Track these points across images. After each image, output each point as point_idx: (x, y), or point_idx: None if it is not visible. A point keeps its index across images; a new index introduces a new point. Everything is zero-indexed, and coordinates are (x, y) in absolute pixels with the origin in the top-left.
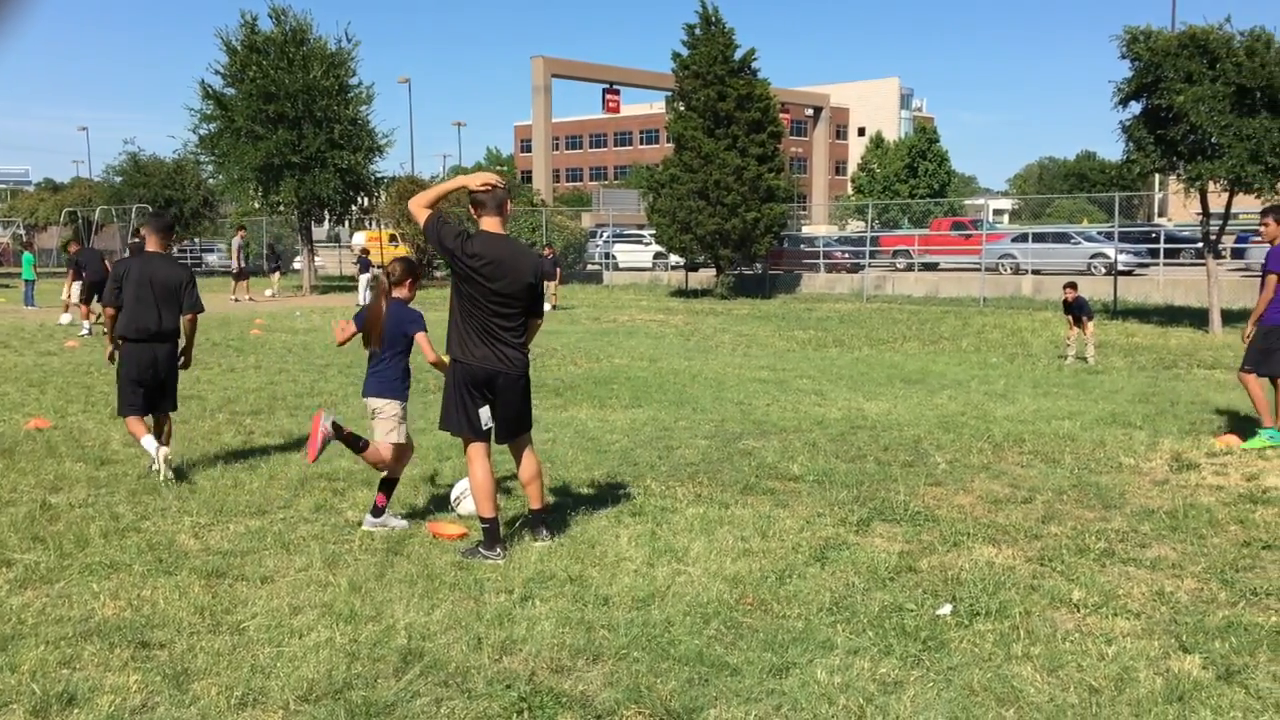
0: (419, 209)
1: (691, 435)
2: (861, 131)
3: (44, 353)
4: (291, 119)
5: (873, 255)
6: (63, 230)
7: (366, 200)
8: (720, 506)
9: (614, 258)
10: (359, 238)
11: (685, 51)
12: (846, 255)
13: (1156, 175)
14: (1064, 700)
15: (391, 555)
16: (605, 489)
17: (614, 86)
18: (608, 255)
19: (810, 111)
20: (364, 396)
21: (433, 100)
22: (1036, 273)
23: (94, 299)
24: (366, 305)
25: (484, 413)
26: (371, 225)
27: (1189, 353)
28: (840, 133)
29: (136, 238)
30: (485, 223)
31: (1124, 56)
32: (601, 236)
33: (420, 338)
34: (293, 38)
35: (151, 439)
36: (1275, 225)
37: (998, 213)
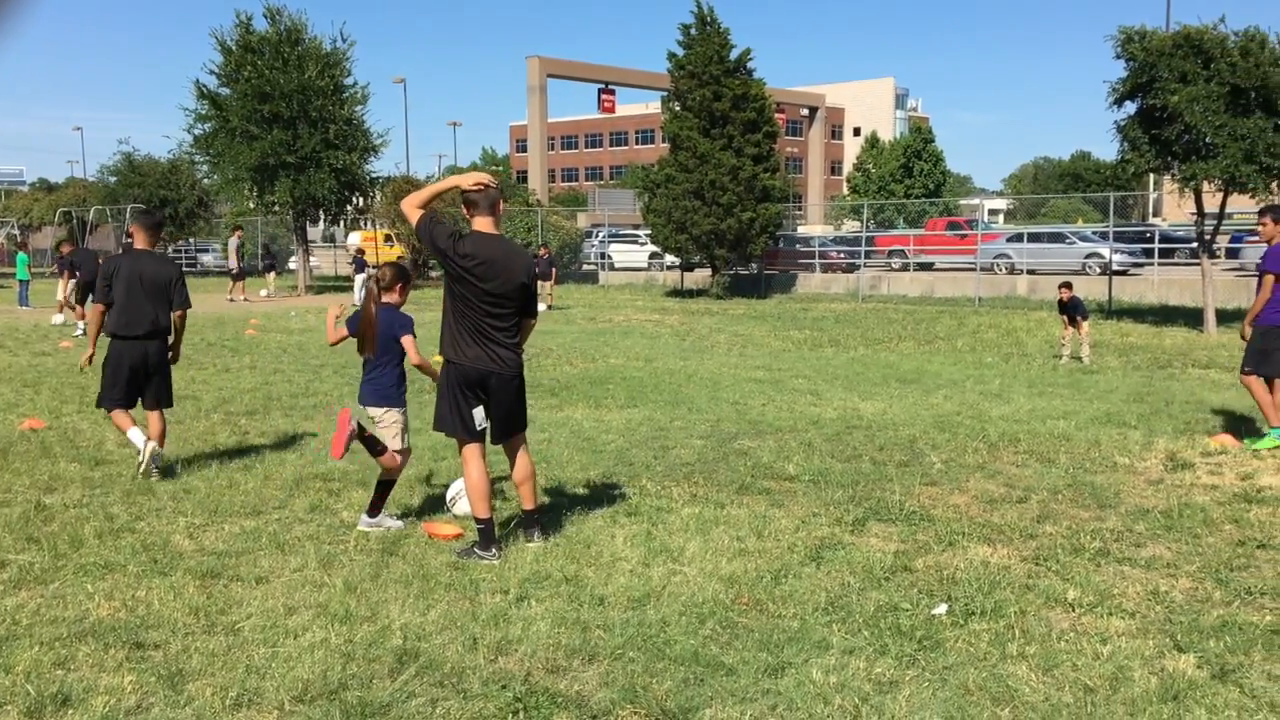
0: (411, 209)
1: (687, 435)
2: (857, 131)
3: (38, 353)
4: (286, 119)
5: (868, 255)
6: (57, 230)
7: (362, 200)
8: (716, 506)
9: (609, 258)
10: (354, 238)
11: (681, 51)
12: (842, 255)
13: (1151, 175)
14: (1059, 700)
15: (387, 556)
16: (601, 489)
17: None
18: (603, 255)
19: (805, 111)
20: (362, 405)
21: (428, 100)
22: (1031, 272)
23: (88, 300)
24: (359, 310)
25: (478, 413)
26: (367, 225)
27: (1184, 352)
28: (835, 133)
29: (130, 237)
30: (478, 223)
31: (1119, 56)
32: (597, 236)
33: (406, 340)
34: (288, 37)
35: (139, 431)
36: (1273, 225)
37: (993, 213)
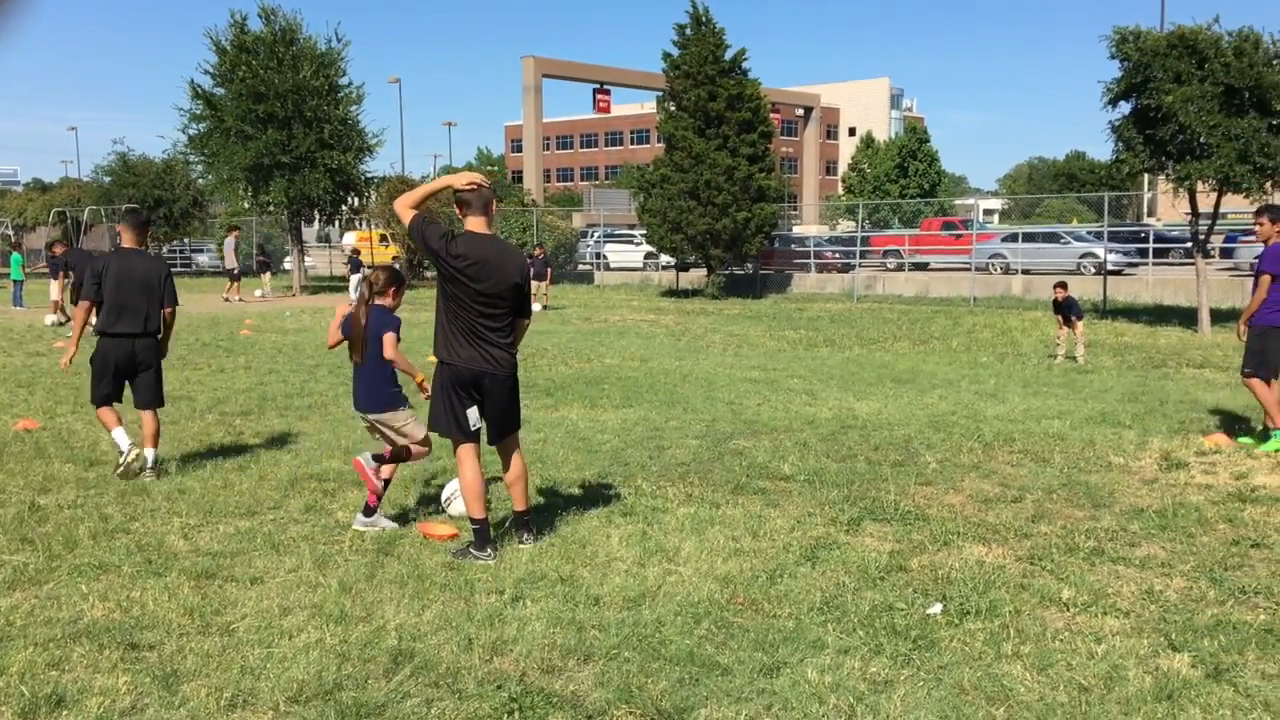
0: (404, 209)
1: (682, 435)
2: (852, 131)
3: (32, 353)
4: (281, 119)
5: (863, 255)
6: (51, 230)
7: (357, 200)
8: (711, 506)
9: (605, 258)
10: (349, 238)
11: (676, 51)
12: (837, 255)
13: (1145, 175)
14: (1054, 699)
15: (382, 556)
16: (596, 489)
17: (605, 86)
18: (599, 255)
19: (801, 111)
20: (363, 411)
21: (423, 100)
22: (1026, 272)
23: None
24: (350, 314)
25: (472, 413)
26: (362, 225)
27: (1178, 352)
28: (831, 133)
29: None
30: (470, 223)
31: (1113, 57)
32: (592, 236)
33: (387, 337)
34: (282, 37)
35: (123, 432)
36: (1270, 224)
37: (988, 213)
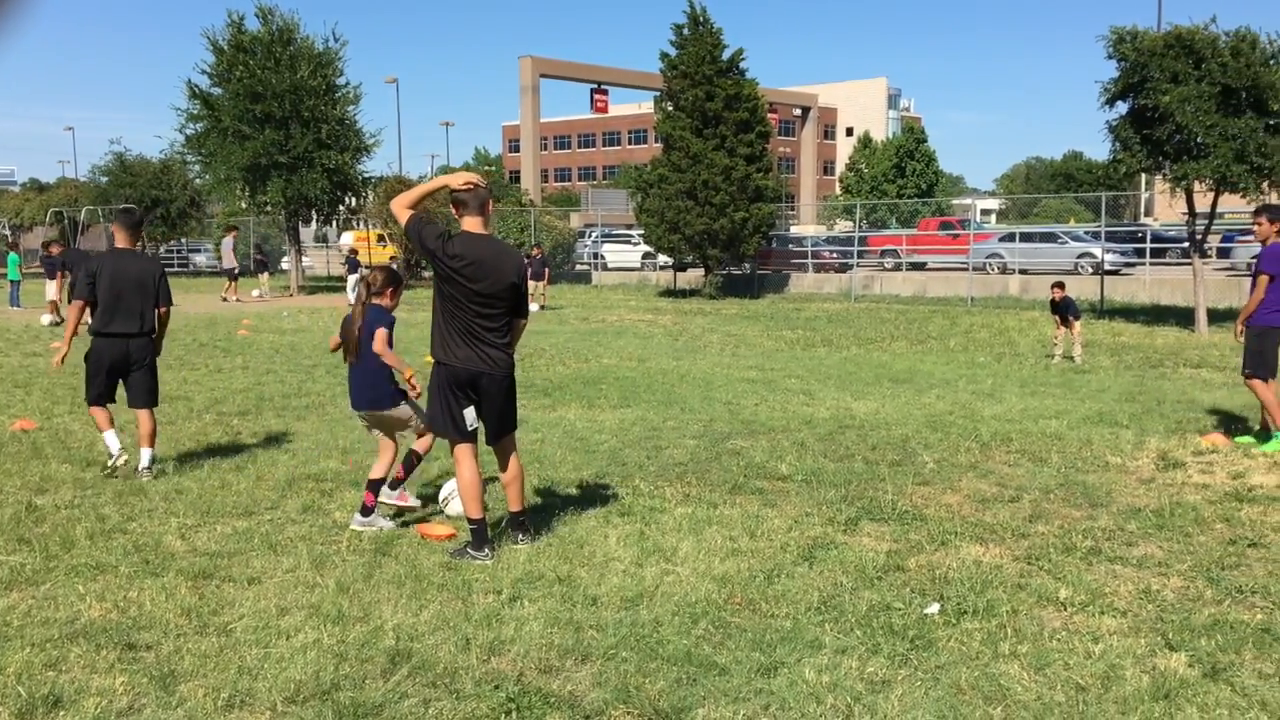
0: (401, 209)
1: (680, 435)
2: (849, 131)
3: (29, 354)
4: (278, 119)
5: (861, 255)
6: (48, 230)
7: (354, 200)
8: (708, 506)
9: (602, 258)
10: (347, 238)
11: (673, 51)
12: (834, 255)
13: (1143, 175)
14: (1051, 698)
15: (379, 556)
16: (593, 489)
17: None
18: (596, 255)
19: (798, 111)
20: (364, 409)
21: (421, 100)
22: (1024, 272)
23: None
24: (348, 315)
25: (468, 413)
26: (359, 225)
27: (1175, 352)
28: (828, 133)
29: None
30: (467, 223)
31: (1110, 57)
32: (590, 236)
33: (379, 332)
34: (279, 37)
35: (114, 434)
36: (1268, 224)
37: (985, 212)
